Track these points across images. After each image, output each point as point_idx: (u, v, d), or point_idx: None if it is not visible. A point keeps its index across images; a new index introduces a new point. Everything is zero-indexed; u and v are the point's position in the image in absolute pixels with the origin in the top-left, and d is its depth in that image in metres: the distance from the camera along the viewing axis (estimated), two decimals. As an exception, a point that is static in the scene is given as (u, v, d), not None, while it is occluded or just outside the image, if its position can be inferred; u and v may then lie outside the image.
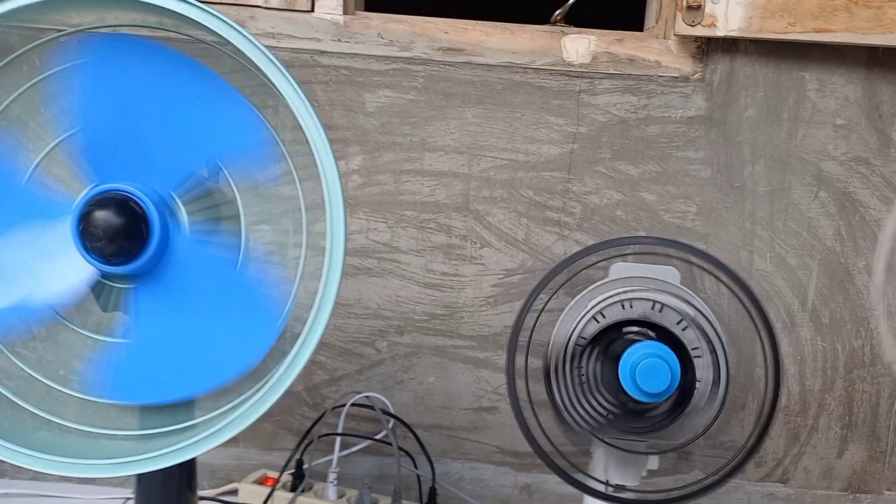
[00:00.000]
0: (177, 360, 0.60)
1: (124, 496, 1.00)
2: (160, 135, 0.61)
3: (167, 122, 0.61)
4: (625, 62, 0.96)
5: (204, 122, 0.61)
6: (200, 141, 0.61)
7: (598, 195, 0.98)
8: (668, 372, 0.68)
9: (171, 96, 0.61)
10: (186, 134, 0.60)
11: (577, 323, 0.72)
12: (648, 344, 0.69)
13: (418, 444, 0.95)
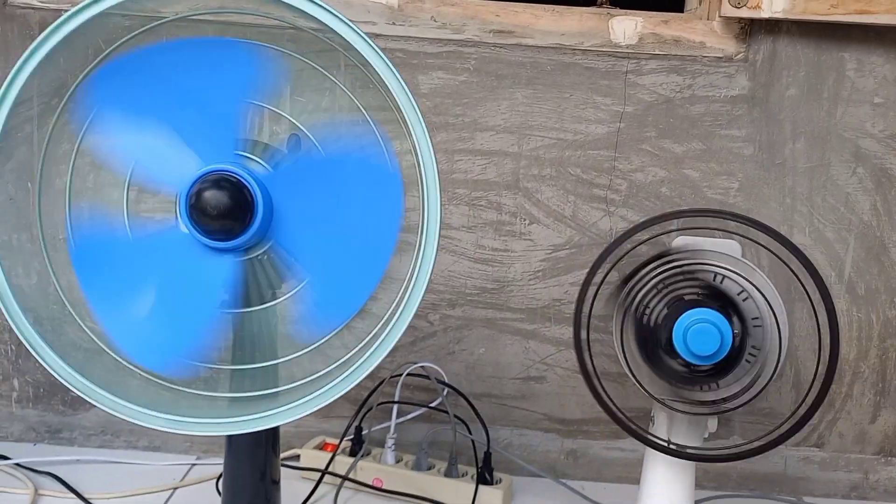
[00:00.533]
0: (346, 269, 0.64)
1: (190, 462, 1.05)
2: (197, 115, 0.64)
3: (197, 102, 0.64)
4: (670, 43, 0.99)
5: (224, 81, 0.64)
6: (228, 97, 0.64)
7: (644, 172, 1.01)
8: (718, 336, 0.73)
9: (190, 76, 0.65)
10: (215, 100, 0.64)
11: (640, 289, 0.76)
12: (702, 311, 0.73)
13: (473, 411, 0.99)
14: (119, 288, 0.69)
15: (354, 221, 0.65)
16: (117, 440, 1.07)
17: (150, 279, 0.66)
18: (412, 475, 0.98)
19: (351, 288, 0.67)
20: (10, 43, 0.99)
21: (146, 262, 0.66)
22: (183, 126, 0.62)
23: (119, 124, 0.66)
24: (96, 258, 0.69)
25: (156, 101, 0.64)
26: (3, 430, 1.07)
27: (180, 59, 0.64)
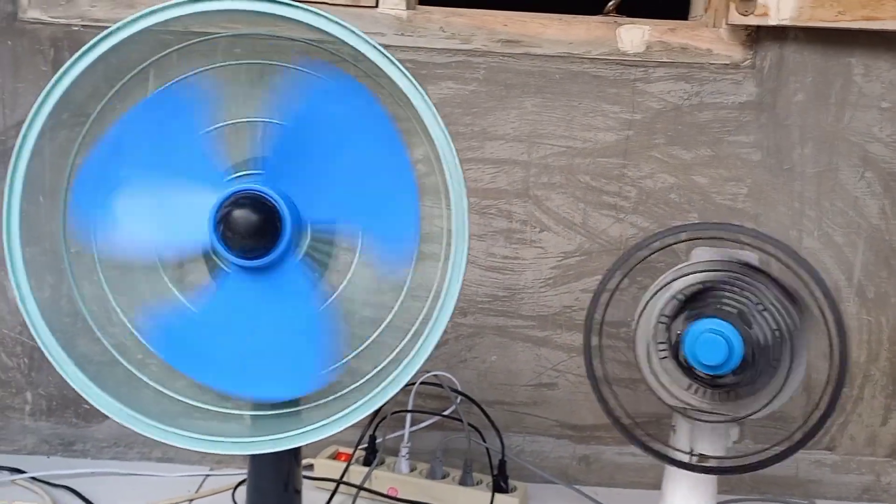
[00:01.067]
0: (236, 349, 0.65)
1: (203, 473, 1.05)
2: (332, 175, 0.66)
3: (344, 169, 0.65)
4: (677, 51, 1.00)
5: (374, 192, 0.66)
6: (360, 206, 0.66)
7: (653, 179, 1.02)
8: (726, 348, 0.73)
9: (363, 156, 0.66)
10: (352, 187, 0.65)
11: (659, 300, 0.76)
12: (711, 321, 0.73)
13: (486, 418, 0.99)
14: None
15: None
16: (130, 452, 1.07)
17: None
18: (428, 484, 0.98)
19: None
20: (20, 58, 1.00)
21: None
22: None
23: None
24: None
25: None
26: (16, 443, 1.07)
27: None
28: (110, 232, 0.69)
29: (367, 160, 0.65)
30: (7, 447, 1.07)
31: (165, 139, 0.65)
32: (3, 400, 1.06)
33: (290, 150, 0.65)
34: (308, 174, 0.65)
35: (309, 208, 0.66)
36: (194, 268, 0.71)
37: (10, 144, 1.02)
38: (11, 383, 1.06)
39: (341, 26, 0.63)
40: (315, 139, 0.65)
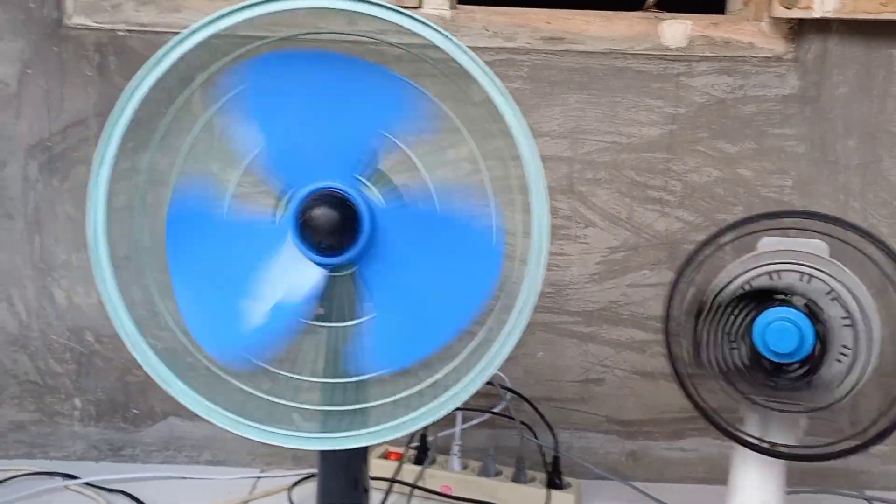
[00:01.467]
0: (417, 319, 0.66)
1: (254, 475, 1.05)
2: (332, 128, 0.65)
3: (336, 113, 0.65)
4: (720, 45, 1.01)
5: (368, 106, 0.66)
6: (367, 123, 0.66)
7: (698, 173, 1.02)
8: (798, 336, 0.73)
9: (336, 89, 0.65)
10: (354, 117, 0.65)
11: (727, 291, 0.76)
12: (782, 309, 0.74)
13: (539, 415, 0.99)
14: (203, 267, 0.68)
15: (441, 282, 0.67)
16: (180, 455, 1.07)
17: (235, 265, 0.66)
18: (481, 481, 0.98)
19: (416, 340, 0.68)
20: (65, 64, 1.00)
21: (235, 247, 0.66)
22: (315, 132, 0.64)
23: (255, 110, 0.66)
24: (190, 228, 0.68)
25: (296, 101, 0.64)
26: (65, 449, 1.07)
27: (331, 69, 0.65)
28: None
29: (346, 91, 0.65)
30: (56, 453, 1.07)
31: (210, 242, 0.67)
32: (52, 406, 1.06)
33: (287, 151, 0.66)
34: (317, 146, 0.65)
35: (348, 165, 0.65)
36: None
37: (57, 150, 1.02)
38: (60, 389, 1.06)
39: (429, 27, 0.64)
40: (292, 120, 0.64)
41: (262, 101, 0.67)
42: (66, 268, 1.04)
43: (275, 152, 0.67)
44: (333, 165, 0.65)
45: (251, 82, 0.67)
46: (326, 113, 0.65)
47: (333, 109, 0.65)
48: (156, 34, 1.00)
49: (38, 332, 1.05)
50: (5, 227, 1.03)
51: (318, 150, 0.66)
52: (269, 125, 0.67)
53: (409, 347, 0.69)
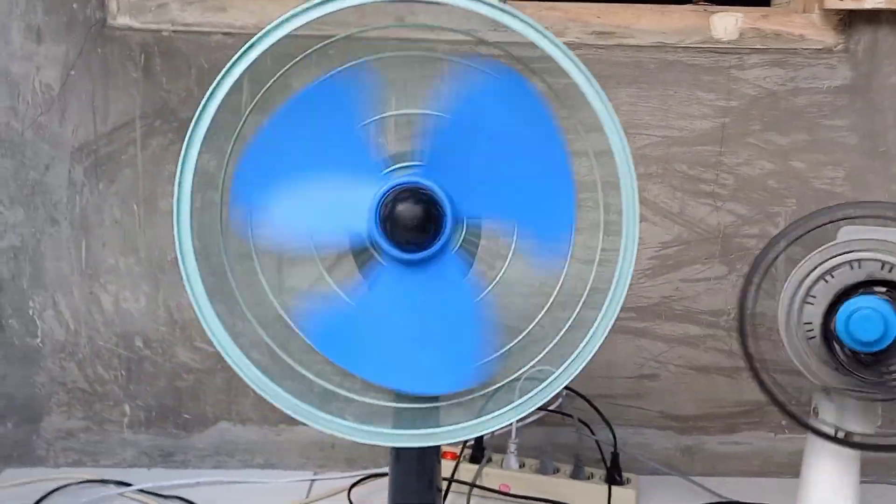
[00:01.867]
0: (388, 343, 0.65)
1: (308, 478, 1.04)
2: (493, 169, 0.65)
3: (505, 167, 0.65)
4: (771, 37, 1.00)
5: (533, 189, 0.67)
6: (519, 203, 0.66)
7: (750, 166, 1.02)
8: (881, 324, 0.73)
9: (524, 149, 0.67)
10: (512, 186, 0.65)
11: (805, 280, 0.76)
12: (866, 298, 0.73)
13: (596, 412, 0.99)
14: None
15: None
16: (232, 460, 1.06)
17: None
18: (540, 479, 0.98)
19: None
20: (110, 65, 0.98)
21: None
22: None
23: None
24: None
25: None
26: (116, 457, 1.05)
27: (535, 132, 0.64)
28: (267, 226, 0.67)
29: (525, 154, 0.65)
30: (106, 461, 1.05)
31: (323, 131, 0.64)
32: (101, 413, 1.05)
33: (449, 143, 0.64)
34: (467, 167, 0.64)
35: (466, 201, 0.65)
36: (343, 261, 0.70)
37: (103, 153, 1.00)
38: (109, 396, 1.04)
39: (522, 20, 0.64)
40: (475, 132, 0.64)
41: (480, 91, 0.67)
42: (114, 273, 1.02)
43: (449, 130, 0.65)
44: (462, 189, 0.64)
45: (483, 70, 0.68)
46: (500, 156, 0.65)
47: (507, 159, 0.65)
48: (201, 34, 0.98)
49: (85, 339, 1.03)
50: (51, 232, 1.01)
51: (467, 168, 0.65)
52: (464, 111, 0.65)
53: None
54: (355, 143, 0.64)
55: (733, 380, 1.07)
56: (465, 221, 0.67)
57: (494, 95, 0.65)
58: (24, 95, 0.98)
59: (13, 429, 1.05)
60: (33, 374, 1.04)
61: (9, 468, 1.05)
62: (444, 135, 0.65)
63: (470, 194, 0.65)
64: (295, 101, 0.64)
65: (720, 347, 1.06)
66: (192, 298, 0.65)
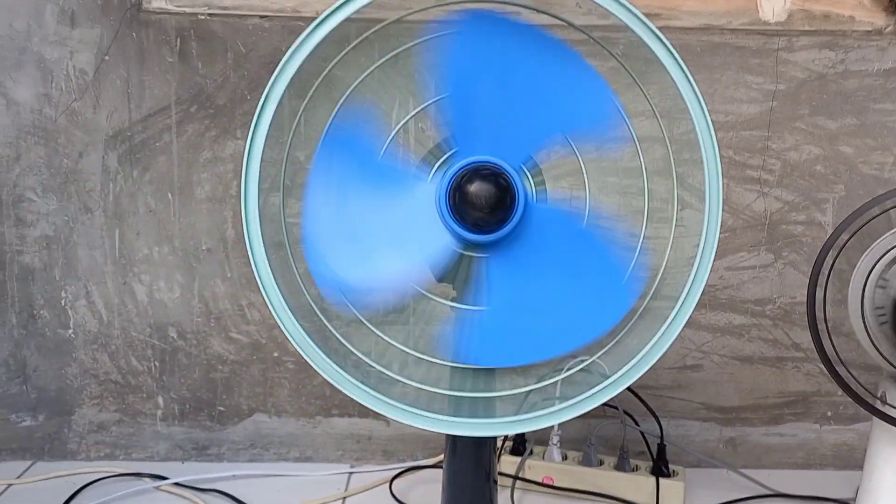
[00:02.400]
0: (532, 324, 0.62)
1: (345, 470, 1.02)
2: (518, 109, 0.63)
3: (526, 97, 0.63)
4: (820, 18, 0.98)
5: (560, 97, 0.64)
6: (554, 116, 0.64)
7: (798, 151, 1.00)
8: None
9: (533, 72, 0.64)
10: (542, 109, 0.63)
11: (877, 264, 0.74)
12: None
13: (643, 404, 0.97)
14: (341, 197, 0.64)
15: (566, 299, 0.64)
16: (267, 453, 1.04)
17: (375, 209, 0.63)
18: (585, 471, 0.96)
19: (520, 347, 0.65)
20: (145, 50, 0.96)
21: (378, 190, 0.63)
22: (498, 105, 0.61)
23: (450, 60, 0.63)
24: (341, 154, 0.64)
25: (489, 67, 0.62)
26: (148, 450, 1.04)
27: (530, 46, 0.62)
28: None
29: (534, 74, 0.62)
30: (139, 454, 1.03)
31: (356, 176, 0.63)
32: (134, 405, 1.03)
33: (468, 112, 0.62)
34: (497, 122, 0.62)
35: (518, 151, 0.63)
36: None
37: (137, 140, 0.98)
38: (142, 388, 1.03)
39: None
40: (484, 87, 0.62)
41: (462, 51, 0.63)
42: (148, 262, 1.00)
43: (456, 105, 0.63)
44: (505, 145, 0.62)
45: (455, 32, 0.64)
46: (514, 91, 0.62)
47: (522, 90, 0.63)
48: (238, 17, 0.96)
49: (119, 330, 1.01)
50: (84, 220, 0.99)
51: (494, 123, 0.62)
52: (457, 78, 0.63)
53: (511, 353, 0.66)
54: (387, 172, 0.64)
55: (778, 370, 1.05)
56: (526, 170, 0.65)
57: (483, 43, 0.62)
58: (58, 81, 0.96)
59: (45, 421, 1.03)
60: (65, 366, 1.02)
61: (40, 461, 1.03)
62: (457, 109, 0.63)
63: (512, 142, 0.62)
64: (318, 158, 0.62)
65: (765, 337, 1.04)
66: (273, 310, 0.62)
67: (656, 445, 0.97)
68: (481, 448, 0.72)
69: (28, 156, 0.98)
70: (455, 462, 0.73)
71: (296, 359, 1.02)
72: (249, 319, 1.01)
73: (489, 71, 0.61)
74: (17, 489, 0.96)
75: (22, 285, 1.00)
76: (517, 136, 0.61)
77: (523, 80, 0.62)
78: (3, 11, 0.95)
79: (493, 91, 0.61)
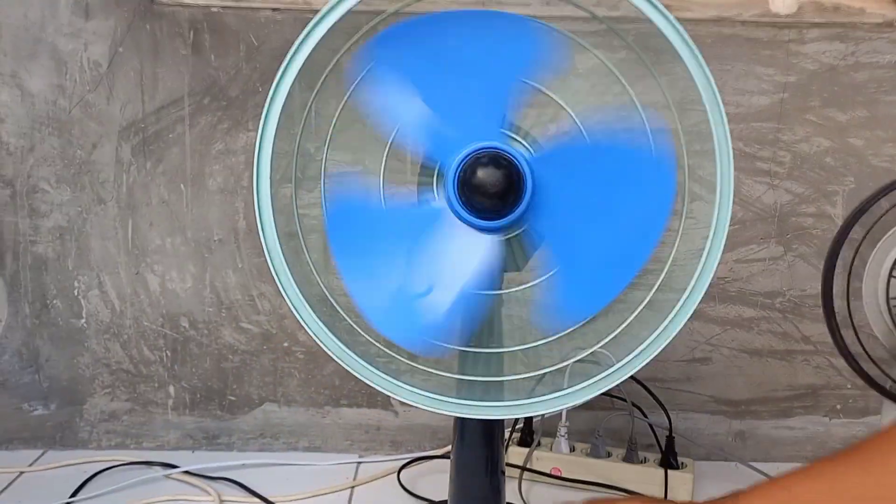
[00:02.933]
0: (603, 260, 0.65)
1: (354, 460, 1.03)
2: (473, 84, 0.63)
3: (476, 71, 0.63)
4: (830, 10, 0.98)
5: (506, 55, 0.64)
6: (507, 73, 0.64)
7: (808, 143, 1.00)
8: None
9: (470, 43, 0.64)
10: (495, 73, 0.63)
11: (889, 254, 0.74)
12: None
13: (651, 396, 0.97)
14: (371, 259, 0.65)
15: (616, 213, 0.65)
16: (277, 442, 1.05)
17: (402, 251, 0.63)
18: (593, 463, 0.96)
19: (603, 281, 0.67)
20: (159, 42, 0.97)
21: (399, 234, 0.64)
22: (453, 95, 0.61)
23: (390, 86, 0.63)
24: (349, 225, 0.65)
25: (430, 67, 0.62)
26: (159, 439, 1.04)
27: (460, 27, 0.62)
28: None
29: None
30: (150, 443, 1.04)
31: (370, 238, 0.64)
32: (146, 395, 1.04)
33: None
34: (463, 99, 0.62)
35: (492, 118, 0.63)
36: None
37: (151, 132, 0.99)
38: (154, 377, 1.03)
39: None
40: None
41: (400, 71, 0.64)
42: (160, 253, 1.01)
43: (414, 125, 0.64)
44: (479, 124, 0.62)
45: (385, 56, 0.65)
46: (465, 70, 0.63)
47: (466, 67, 0.63)
48: (250, 9, 0.97)
49: (131, 320, 1.02)
50: (97, 211, 1.00)
51: (462, 110, 0.63)
52: (402, 99, 0.64)
53: (599, 292, 0.69)
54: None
55: (787, 363, 1.05)
56: (513, 135, 0.66)
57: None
58: (72, 73, 0.97)
59: (56, 410, 1.04)
60: (77, 355, 1.03)
61: (52, 450, 1.04)
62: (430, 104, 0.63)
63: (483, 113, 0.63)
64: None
65: (774, 330, 1.04)
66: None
67: (665, 438, 0.97)
68: (489, 438, 0.72)
69: (42, 147, 0.99)
70: (463, 452, 0.73)
71: (306, 349, 1.03)
72: (260, 310, 1.02)
73: (430, 68, 0.62)
74: (29, 477, 0.98)
75: (35, 275, 1.02)
76: (485, 108, 0.62)
77: (466, 54, 0.62)
78: (18, 2, 0.96)
79: (443, 82, 0.62)
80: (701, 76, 0.65)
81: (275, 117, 0.60)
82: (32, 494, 0.93)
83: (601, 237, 0.65)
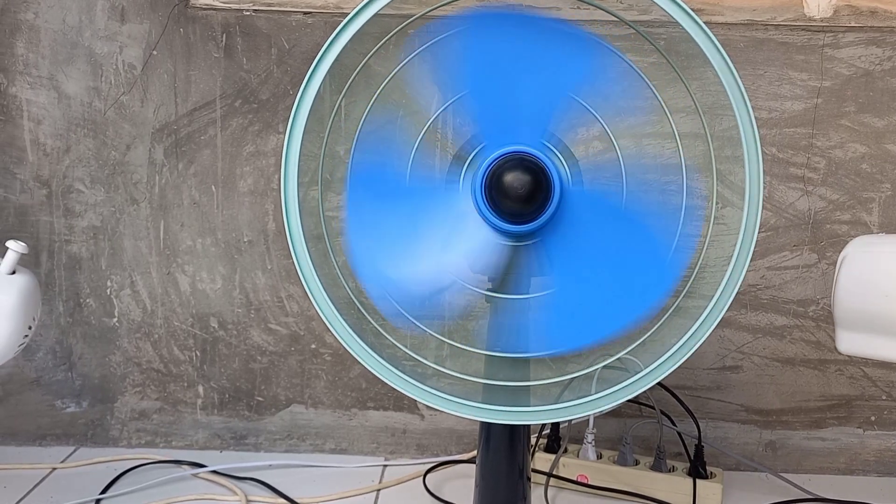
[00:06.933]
0: (584, 305, 0.64)
1: (380, 463, 1.03)
2: (530, 89, 0.63)
3: (534, 77, 0.63)
4: (866, 14, 0.96)
5: (561, 64, 0.64)
6: (560, 80, 0.64)
7: (843, 149, 0.98)
8: None
9: (535, 52, 0.64)
10: (548, 79, 0.63)
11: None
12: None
13: (680, 404, 0.95)
14: (382, 229, 0.65)
15: (624, 263, 0.65)
16: (303, 444, 1.05)
17: (417, 230, 0.63)
18: (620, 471, 0.95)
19: (592, 321, 0.66)
20: (192, 45, 0.99)
21: (416, 213, 0.64)
22: (506, 91, 0.61)
23: (448, 63, 0.64)
24: (370, 190, 0.65)
25: (489, 57, 0.62)
26: (188, 438, 1.06)
27: (524, 30, 0.62)
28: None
29: (545, 54, 0.63)
30: (178, 442, 1.05)
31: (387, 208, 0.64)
32: (175, 394, 1.05)
33: (491, 105, 0.63)
34: (516, 107, 0.63)
35: (539, 128, 0.64)
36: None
37: (183, 133, 1.01)
38: (183, 377, 1.05)
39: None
40: (498, 78, 0.62)
41: (458, 54, 0.65)
42: (191, 254, 1.02)
43: (466, 105, 0.64)
44: (522, 129, 0.62)
45: (447, 36, 0.65)
46: (519, 73, 0.63)
47: (526, 69, 0.63)
48: (282, 13, 0.98)
49: (161, 319, 1.03)
50: (130, 212, 1.02)
51: (508, 110, 0.63)
52: (460, 78, 0.64)
53: (586, 328, 0.67)
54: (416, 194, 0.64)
55: (820, 373, 1.03)
56: (556, 152, 0.66)
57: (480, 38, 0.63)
58: (107, 75, 0.99)
59: (88, 408, 1.06)
60: (109, 354, 1.05)
61: (83, 447, 1.06)
62: (479, 104, 0.63)
63: (533, 121, 0.63)
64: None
65: (807, 339, 1.02)
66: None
67: (694, 446, 0.96)
68: (515, 443, 0.72)
69: (77, 148, 1.01)
70: (489, 457, 0.73)
71: (333, 351, 1.03)
72: (288, 311, 1.03)
73: (501, 61, 0.62)
74: (61, 473, 0.99)
75: (69, 274, 1.03)
76: (535, 114, 0.61)
77: (529, 62, 0.62)
78: (57, 7, 0.98)
79: (506, 80, 0.61)
80: (730, 79, 0.63)
81: (303, 119, 0.60)
82: (64, 491, 0.94)
83: (602, 278, 0.64)
